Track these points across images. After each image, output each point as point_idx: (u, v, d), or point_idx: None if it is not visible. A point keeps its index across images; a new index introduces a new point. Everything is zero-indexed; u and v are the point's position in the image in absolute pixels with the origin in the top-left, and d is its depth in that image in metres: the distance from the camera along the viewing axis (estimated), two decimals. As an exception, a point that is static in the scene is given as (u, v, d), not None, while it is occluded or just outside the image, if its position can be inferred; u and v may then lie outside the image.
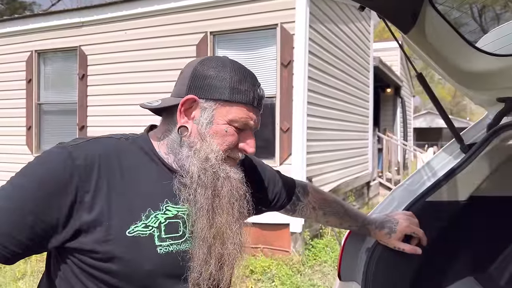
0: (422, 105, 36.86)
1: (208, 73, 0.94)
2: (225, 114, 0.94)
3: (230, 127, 0.95)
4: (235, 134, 0.96)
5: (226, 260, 0.94)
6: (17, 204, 0.82)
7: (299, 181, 1.35)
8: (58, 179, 0.84)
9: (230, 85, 0.93)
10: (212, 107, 0.94)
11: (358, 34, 7.56)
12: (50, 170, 0.84)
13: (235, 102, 0.94)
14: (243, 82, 0.95)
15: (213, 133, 0.94)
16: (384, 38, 16.35)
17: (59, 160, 0.85)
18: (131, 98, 5.68)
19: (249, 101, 0.96)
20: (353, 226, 1.40)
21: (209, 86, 0.94)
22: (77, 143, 0.90)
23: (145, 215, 0.89)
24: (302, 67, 4.87)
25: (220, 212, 0.93)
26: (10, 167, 6.68)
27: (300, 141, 4.89)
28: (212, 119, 0.94)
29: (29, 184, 0.83)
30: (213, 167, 0.93)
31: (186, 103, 0.94)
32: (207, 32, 5.25)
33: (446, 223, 1.53)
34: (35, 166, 0.86)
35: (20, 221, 0.81)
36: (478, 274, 1.77)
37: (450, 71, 1.40)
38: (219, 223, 0.93)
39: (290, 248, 4.84)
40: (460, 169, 1.50)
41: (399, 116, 13.08)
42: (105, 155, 0.90)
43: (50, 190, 0.83)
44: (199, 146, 0.94)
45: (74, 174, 0.84)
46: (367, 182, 8.39)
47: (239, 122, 0.95)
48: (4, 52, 6.85)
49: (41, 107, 6.65)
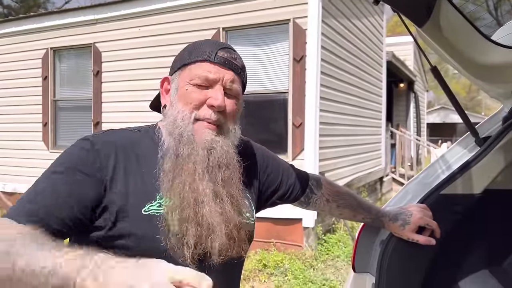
0: (436, 100, 36.43)
1: (179, 54, 1.05)
2: (185, 76, 1.00)
3: (191, 86, 0.98)
4: (196, 91, 0.98)
5: (206, 228, 0.91)
6: (56, 188, 0.87)
7: (313, 174, 1.37)
8: (84, 163, 0.91)
9: (189, 51, 1.02)
10: (177, 77, 1.02)
11: (371, 29, 7.51)
12: (78, 158, 0.92)
13: (192, 62, 1.00)
14: (202, 45, 1.02)
15: (179, 97, 1.00)
16: (397, 33, 16.19)
17: (83, 148, 0.94)
18: (145, 95, 5.74)
19: (205, 57, 0.99)
20: (367, 218, 1.41)
21: (176, 61, 1.05)
22: (96, 134, 0.99)
23: (159, 196, 0.94)
24: (314, 62, 4.87)
25: (183, 174, 0.93)
26: (27, 162, 6.82)
27: (313, 136, 4.89)
28: (177, 86, 1.01)
29: (62, 170, 0.90)
30: (179, 127, 0.96)
31: (163, 85, 1.06)
32: (220, 28, 5.27)
33: (460, 216, 1.54)
34: (65, 155, 0.94)
35: (60, 203, 0.86)
36: (492, 268, 1.76)
37: (465, 65, 1.40)
38: (182, 184, 0.92)
39: (303, 243, 4.86)
40: (475, 162, 1.50)
41: (412, 111, 12.96)
42: (121, 143, 0.97)
43: (81, 173, 0.90)
44: (169, 113, 1.00)
45: (96, 159, 0.92)
46: (380, 177, 8.35)
47: (198, 77, 0.98)
48: (20, 49, 6.97)
49: (56, 103, 6.76)
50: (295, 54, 4.92)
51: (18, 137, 7.04)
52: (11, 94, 7.11)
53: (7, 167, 7.07)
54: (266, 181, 1.21)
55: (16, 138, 7.05)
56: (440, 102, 34.22)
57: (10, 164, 7.04)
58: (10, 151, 7.08)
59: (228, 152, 0.98)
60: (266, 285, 4.02)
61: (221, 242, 0.92)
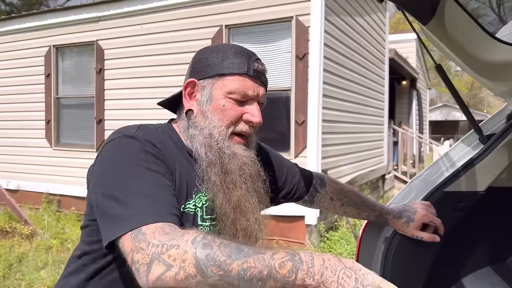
0: (438, 98, 36.34)
1: (205, 56, 1.01)
2: (222, 87, 0.97)
3: (228, 101, 0.97)
4: (234, 107, 0.98)
5: (250, 233, 0.98)
6: (159, 182, 0.85)
7: (316, 173, 1.37)
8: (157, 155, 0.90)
9: (224, 60, 0.97)
10: (209, 85, 0.98)
11: (374, 26, 7.50)
12: (144, 148, 0.88)
13: (229, 74, 0.97)
14: (237, 55, 0.98)
15: (213, 109, 0.98)
16: (400, 30, 16.15)
17: (144, 143, 0.90)
18: (148, 92, 5.75)
19: (244, 71, 0.97)
20: (371, 216, 1.42)
21: (205, 66, 0.99)
22: (134, 130, 0.93)
23: (194, 194, 0.96)
24: (317, 59, 4.87)
25: (233, 187, 0.96)
26: (30, 160, 6.85)
27: (315, 134, 4.89)
28: (210, 96, 0.98)
29: (149, 164, 0.86)
30: (217, 142, 0.96)
31: (188, 87, 1.00)
32: (222, 26, 5.27)
33: (464, 213, 1.54)
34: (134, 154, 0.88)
35: (169, 192, 0.86)
36: (495, 265, 1.77)
37: (469, 62, 1.40)
38: (235, 197, 0.96)
39: (305, 240, 4.87)
40: (478, 160, 1.50)
41: (414, 108, 12.94)
42: (158, 141, 0.94)
43: (162, 162, 0.90)
44: (202, 124, 0.98)
45: (159, 152, 0.92)
46: (382, 175, 8.35)
47: (236, 92, 0.97)
48: (23, 47, 6.98)
49: (59, 101, 6.77)
50: (297, 51, 4.92)
51: (21, 134, 7.06)
52: (14, 92, 7.12)
53: (11, 164, 7.09)
54: (271, 181, 1.22)
55: (19, 135, 7.07)
56: (443, 99, 34.14)
57: (13, 162, 7.07)
58: (13, 148, 7.10)
59: (256, 164, 1.02)
60: (268, 282, 4.03)
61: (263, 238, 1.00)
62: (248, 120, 0.99)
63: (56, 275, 4.05)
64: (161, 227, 0.75)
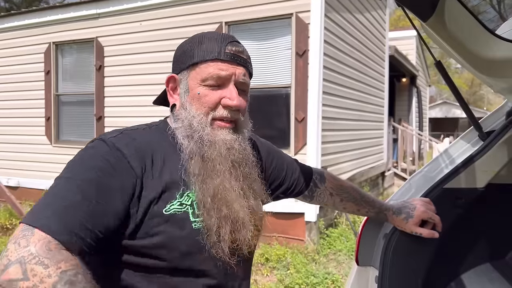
0: (438, 95, 36.32)
1: (181, 49, 1.02)
2: (195, 77, 0.97)
3: (203, 88, 0.97)
4: (210, 93, 0.97)
5: (239, 223, 0.95)
6: (84, 197, 0.82)
7: (316, 169, 1.38)
8: (114, 167, 0.87)
9: (195, 49, 0.98)
10: (185, 76, 0.99)
11: (374, 23, 7.49)
12: (105, 160, 0.87)
13: (200, 62, 0.97)
14: (208, 41, 0.98)
15: (191, 99, 0.98)
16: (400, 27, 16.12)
17: (109, 151, 0.89)
18: (148, 89, 5.75)
19: (215, 55, 0.96)
20: (371, 212, 1.42)
21: (180, 59, 1.00)
22: (114, 135, 0.93)
23: (179, 194, 0.93)
24: (317, 56, 4.87)
25: (214, 175, 0.94)
26: (30, 157, 6.85)
27: (315, 131, 4.89)
28: (187, 87, 0.99)
29: (90, 175, 0.85)
30: (197, 131, 0.95)
31: (170, 83, 1.02)
32: (222, 22, 5.26)
33: (463, 210, 1.55)
34: (88, 159, 0.88)
35: (91, 213, 0.81)
36: (494, 261, 1.78)
37: (469, 59, 1.40)
38: (214, 185, 0.94)
39: (305, 237, 4.88)
40: (478, 157, 1.51)
41: (414, 106, 12.94)
42: (139, 144, 0.94)
43: (111, 178, 0.86)
44: (183, 116, 0.98)
45: (124, 162, 0.89)
46: (382, 172, 8.36)
47: (209, 78, 0.96)
48: (22, 44, 6.97)
49: (59, 98, 6.77)
50: (297, 48, 4.92)
51: (21, 131, 7.06)
52: (14, 89, 7.12)
53: (11, 161, 7.10)
54: (271, 176, 1.22)
55: (19, 132, 7.07)
56: (442, 96, 34.12)
57: (13, 159, 7.07)
58: (14, 145, 7.11)
59: (245, 149, 1.00)
60: (268, 279, 4.05)
61: (251, 234, 0.97)
62: (226, 104, 0.97)
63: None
64: (49, 241, 0.75)
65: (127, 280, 0.91)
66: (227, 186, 0.95)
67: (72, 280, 0.72)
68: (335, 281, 3.89)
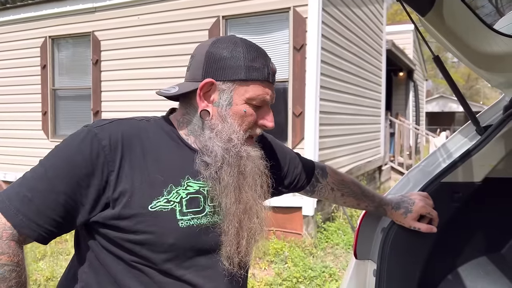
0: (435, 89, 36.36)
1: (222, 54, 0.96)
2: (243, 93, 0.96)
3: (248, 107, 0.97)
4: (253, 113, 0.99)
5: (253, 234, 0.99)
6: (50, 185, 0.86)
7: (318, 163, 1.38)
8: (86, 159, 0.88)
9: (245, 64, 0.95)
10: (230, 88, 0.96)
11: (371, 17, 7.48)
12: (79, 151, 0.88)
13: (251, 80, 0.96)
14: (257, 59, 0.97)
15: (233, 113, 0.97)
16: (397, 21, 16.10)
17: (87, 141, 0.89)
18: (145, 84, 5.73)
19: (265, 77, 0.98)
20: (370, 206, 1.43)
21: (224, 67, 0.95)
22: (101, 124, 0.94)
23: (167, 191, 0.93)
24: (315, 51, 4.86)
25: (246, 189, 0.97)
26: (27, 151, 6.83)
27: (313, 125, 4.90)
28: (231, 100, 0.96)
29: (60, 164, 0.88)
30: (235, 147, 0.96)
31: (204, 87, 0.96)
32: (220, 16, 5.24)
33: (460, 204, 1.56)
34: (64, 148, 0.91)
35: (53, 201, 0.86)
36: (491, 254, 1.79)
37: (467, 54, 1.41)
38: (246, 198, 0.97)
39: (303, 231, 4.90)
40: (475, 151, 1.52)
41: (411, 100, 12.96)
42: (128, 135, 0.93)
43: (80, 170, 0.87)
44: (220, 128, 0.96)
45: (101, 154, 0.89)
46: (379, 166, 8.39)
47: (256, 99, 0.97)
48: (18, 38, 6.93)
49: (56, 92, 6.74)
50: (295, 42, 4.91)
51: (18, 126, 7.03)
52: (10, 83, 7.08)
53: (8, 156, 7.07)
54: (274, 170, 1.22)
55: (16, 127, 7.04)
56: (439, 90, 34.18)
57: (10, 154, 7.05)
58: (10, 140, 7.08)
59: (263, 160, 1.03)
60: (266, 272, 4.07)
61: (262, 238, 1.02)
62: (263, 125, 1.01)
63: (55, 266, 4.07)
64: (3, 229, 0.83)
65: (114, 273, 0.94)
66: (256, 200, 1.00)
67: (5, 277, 0.81)
68: (333, 275, 3.92)
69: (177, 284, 0.95)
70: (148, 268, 0.94)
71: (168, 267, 0.94)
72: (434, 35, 1.41)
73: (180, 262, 0.95)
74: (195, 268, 0.97)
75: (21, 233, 0.85)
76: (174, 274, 0.95)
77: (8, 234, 0.83)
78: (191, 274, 0.96)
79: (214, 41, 0.98)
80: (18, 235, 0.85)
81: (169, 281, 0.95)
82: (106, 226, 0.91)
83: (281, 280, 3.82)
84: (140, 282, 0.94)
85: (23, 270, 0.85)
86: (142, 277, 0.94)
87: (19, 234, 0.85)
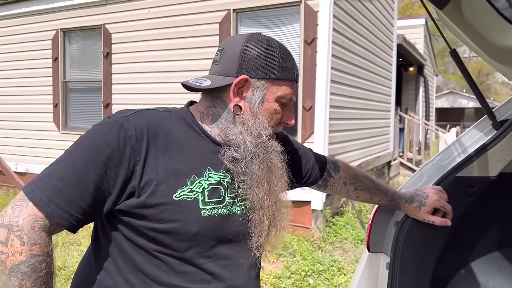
0: (444, 85, 36.02)
1: (258, 53, 0.99)
2: (274, 91, 1.01)
3: (277, 105, 1.02)
4: (281, 111, 1.04)
5: (278, 224, 1.05)
6: (79, 175, 0.87)
7: (330, 158, 1.38)
8: (114, 149, 0.89)
9: (279, 64, 1.00)
10: (263, 86, 1.00)
11: (382, 11, 7.42)
12: (106, 142, 0.90)
13: (283, 79, 1.01)
14: (287, 60, 1.03)
15: (264, 110, 1.01)
16: (407, 15, 15.94)
17: (113, 131, 0.91)
18: (155, 76, 5.75)
19: (294, 77, 1.04)
20: (383, 200, 1.43)
21: (259, 65, 0.99)
22: (126, 115, 0.95)
23: (190, 181, 0.95)
24: (326, 44, 4.84)
25: (275, 182, 1.02)
26: (38, 143, 6.90)
27: (323, 119, 4.89)
28: (263, 98, 1.01)
29: (88, 155, 0.89)
30: (264, 142, 1.01)
31: (239, 83, 0.99)
32: (230, 10, 5.23)
33: (475, 198, 1.56)
34: (90, 138, 0.92)
35: (83, 191, 0.87)
36: (504, 250, 1.79)
37: (485, 47, 1.39)
38: (276, 191, 1.02)
39: (311, 225, 4.91)
40: (491, 146, 1.51)
41: (421, 95, 12.86)
42: (152, 125, 0.95)
43: (108, 160, 0.89)
44: (252, 123, 1.00)
45: (127, 144, 0.90)
46: (388, 161, 8.35)
47: (285, 98, 1.03)
48: (30, 30, 6.97)
49: (67, 85, 6.79)
50: (306, 36, 4.89)
51: (29, 118, 7.10)
52: (21, 75, 7.14)
53: (19, 147, 7.15)
54: (288, 166, 1.23)
55: (27, 119, 7.11)
56: (449, 86, 33.85)
57: (22, 145, 7.13)
58: (22, 131, 7.15)
59: (284, 157, 1.08)
60: (275, 265, 4.09)
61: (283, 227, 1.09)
62: (287, 123, 1.07)
63: (66, 256, 4.12)
64: (35, 220, 0.85)
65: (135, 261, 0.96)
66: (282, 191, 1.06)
67: (36, 267, 0.84)
68: (341, 269, 3.93)
69: (197, 272, 0.97)
70: (169, 257, 0.95)
71: (189, 255, 0.96)
72: (451, 29, 1.40)
73: (201, 251, 0.97)
74: (215, 258, 0.98)
75: (53, 223, 0.86)
76: (195, 262, 0.96)
77: (40, 225, 0.85)
78: (211, 263, 0.98)
79: (248, 38, 1.01)
80: (49, 225, 0.86)
81: (189, 269, 0.96)
82: (130, 215, 0.92)
83: (289, 273, 3.84)
84: (162, 271, 0.95)
85: (52, 261, 0.87)
86: (163, 266, 0.95)
87: (50, 224, 0.86)
